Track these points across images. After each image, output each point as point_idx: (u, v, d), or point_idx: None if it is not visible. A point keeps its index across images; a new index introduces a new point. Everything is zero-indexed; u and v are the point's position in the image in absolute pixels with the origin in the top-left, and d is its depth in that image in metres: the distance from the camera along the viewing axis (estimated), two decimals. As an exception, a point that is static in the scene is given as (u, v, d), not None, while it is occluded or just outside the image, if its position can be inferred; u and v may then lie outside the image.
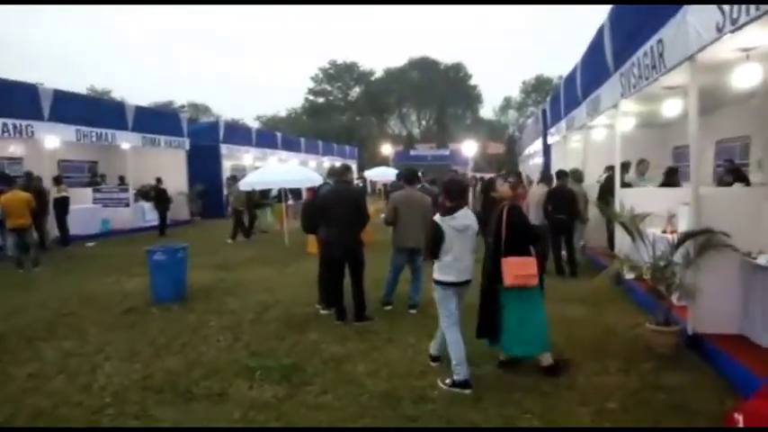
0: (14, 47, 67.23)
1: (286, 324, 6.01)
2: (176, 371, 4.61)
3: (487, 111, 70.97)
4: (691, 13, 4.43)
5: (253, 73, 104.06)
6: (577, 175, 9.39)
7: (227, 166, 23.20)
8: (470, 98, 66.98)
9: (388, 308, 6.54)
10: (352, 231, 6.02)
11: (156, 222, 15.78)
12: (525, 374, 4.39)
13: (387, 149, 43.71)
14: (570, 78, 11.77)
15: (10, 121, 12.63)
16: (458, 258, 4.32)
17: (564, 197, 8.55)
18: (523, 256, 4.35)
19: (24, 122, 13.02)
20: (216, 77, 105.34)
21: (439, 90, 62.18)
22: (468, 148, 33.68)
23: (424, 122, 69.23)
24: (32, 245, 10.11)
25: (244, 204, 14.37)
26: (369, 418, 3.67)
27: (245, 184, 14.89)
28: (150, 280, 7.30)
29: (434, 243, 4.31)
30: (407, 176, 6.74)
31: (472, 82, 66.39)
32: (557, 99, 14.19)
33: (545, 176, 10.09)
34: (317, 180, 14.75)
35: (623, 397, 3.96)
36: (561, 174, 9.01)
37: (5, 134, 12.73)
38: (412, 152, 46.19)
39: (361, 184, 26.05)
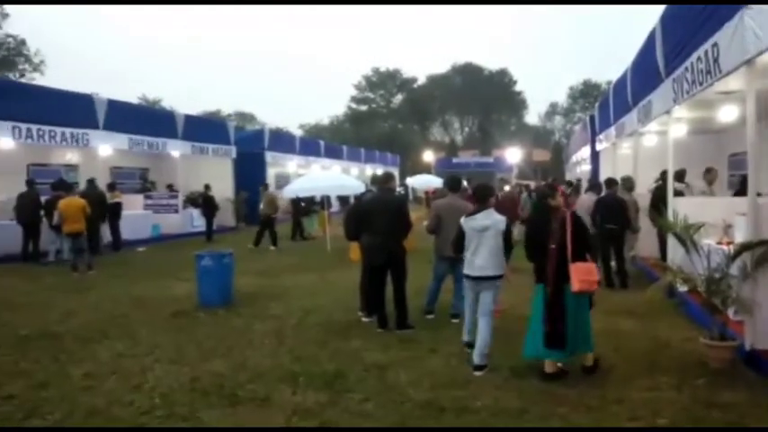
0: (70, 59, 70.65)
1: (328, 330, 6.05)
2: (222, 374, 4.70)
3: (533, 117, 70.07)
4: (748, 14, 4.24)
5: (297, 81, 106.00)
6: (628, 184, 9.09)
7: (271, 174, 23.67)
8: (515, 104, 66.24)
9: (431, 317, 6.49)
10: (395, 239, 6.01)
11: (203, 228, 16.23)
12: (571, 387, 4.27)
13: (429, 157, 43.67)
14: (620, 83, 11.46)
15: (68, 130, 13.27)
16: (474, 255, 4.82)
17: (614, 206, 8.30)
18: (585, 262, 4.48)
19: (80, 131, 13.65)
20: (261, 86, 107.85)
21: (482, 96, 61.65)
22: (513, 155, 33.36)
23: (467, 129, 68.80)
24: (86, 249, 10.57)
25: (275, 211, 14.33)
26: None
27: (289, 191, 15.17)
28: (198, 284, 7.50)
29: (457, 241, 5.02)
30: (451, 184, 6.73)
31: (517, 88, 65.68)
32: (606, 105, 13.85)
33: (593, 184, 9.83)
34: (359, 187, 14.88)
35: (675, 413, 3.80)
36: (611, 182, 8.75)
37: (63, 142, 13.38)
38: (454, 159, 45.92)
39: (403, 192, 26.09)
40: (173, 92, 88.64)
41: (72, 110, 13.57)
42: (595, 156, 16.12)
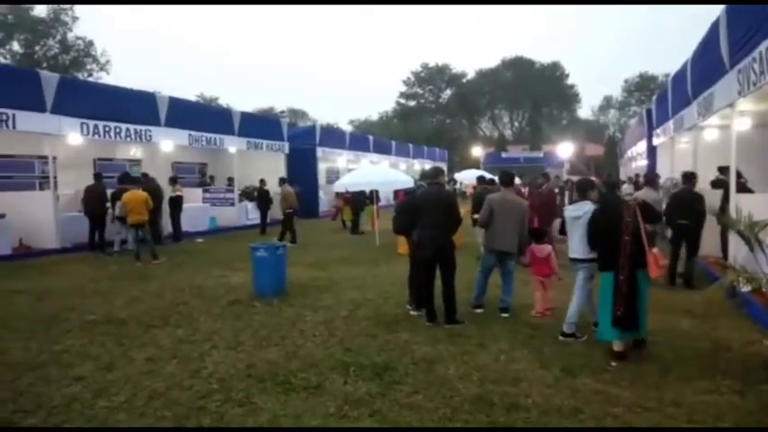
0: (133, 59, 73.85)
1: (377, 322, 6.13)
2: (277, 362, 4.86)
3: (585, 111, 68.28)
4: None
5: (347, 78, 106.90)
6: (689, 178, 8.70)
7: (322, 169, 24.04)
8: (567, 98, 64.57)
9: (480, 311, 6.49)
10: (444, 233, 6.04)
11: (257, 221, 16.68)
12: (626, 388, 4.18)
13: (477, 151, 43.21)
14: (679, 76, 11.01)
15: (132, 127, 13.92)
16: (570, 240, 5.53)
17: (689, 201, 7.90)
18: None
19: (143, 127, 14.29)
20: (312, 83, 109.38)
21: (533, 90, 60.43)
22: (564, 149, 32.55)
23: (516, 124, 67.62)
24: (149, 239, 11.07)
25: (295, 206, 14.19)
26: (460, 423, 3.66)
27: (339, 186, 15.38)
28: (253, 275, 7.75)
29: (561, 227, 5.86)
30: (503, 179, 6.79)
31: (569, 81, 63.98)
32: (663, 98, 13.33)
33: (649, 180, 9.49)
34: (407, 182, 14.92)
35: (738, 418, 3.66)
36: (689, 176, 8.30)
37: (128, 138, 14.04)
38: (504, 154, 45.26)
39: (452, 187, 25.94)
40: (228, 90, 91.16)
41: (136, 107, 14.22)
42: (652, 150, 15.56)
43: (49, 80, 12.03)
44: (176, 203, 14.18)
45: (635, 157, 20.39)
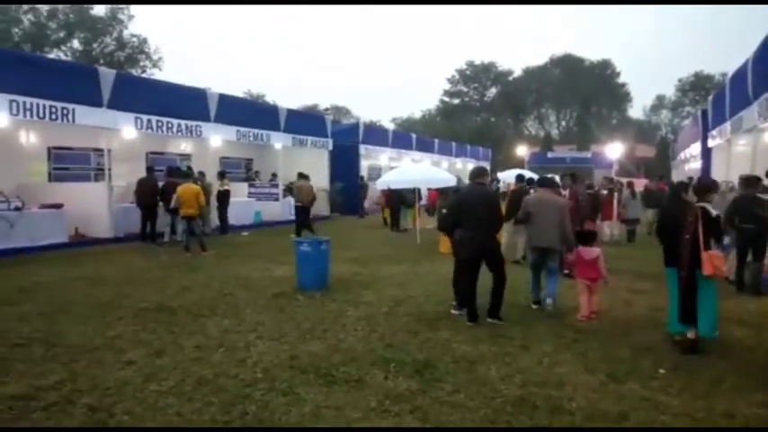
0: (184, 56, 76.15)
1: (418, 320, 6.14)
2: (319, 354, 4.94)
3: (636, 110, 66.15)
4: None
5: (390, 77, 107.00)
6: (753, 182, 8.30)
7: (364, 166, 24.18)
8: (617, 97, 62.77)
9: (536, 307, 6.72)
10: (486, 232, 6.07)
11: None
12: (675, 396, 4.05)
13: (522, 151, 42.48)
14: (738, 75, 10.55)
15: (183, 122, 14.38)
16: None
17: (752, 205, 7.60)
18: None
19: (194, 123, 14.74)
20: (356, 81, 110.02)
21: (582, 89, 59.01)
22: (613, 150, 31.62)
23: (563, 123, 66.18)
24: (199, 231, 11.42)
25: (310, 201, 14.21)
26: (502, 424, 3.62)
27: (381, 183, 15.44)
28: (296, 268, 7.89)
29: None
30: (541, 181, 7.36)
31: (620, 79, 62.11)
32: (721, 98, 12.79)
33: (710, 186, 9.12)
34: (449, 180, 14.84)
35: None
36: (752, 180, 7.91)
37: (179, 133, 14.52)
38: (549, 154, 44.36)
39: (495, 186, 25.61)
40: (274, 87, 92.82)
41: (187, 103, 14.69)
42: (707, 153, 14.98)
43: (107, 76, 12.56)
44: (224, 197, 14.55)
45: (688, 160, 19.67)
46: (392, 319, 6.22)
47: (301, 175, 15.12)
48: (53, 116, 11.31)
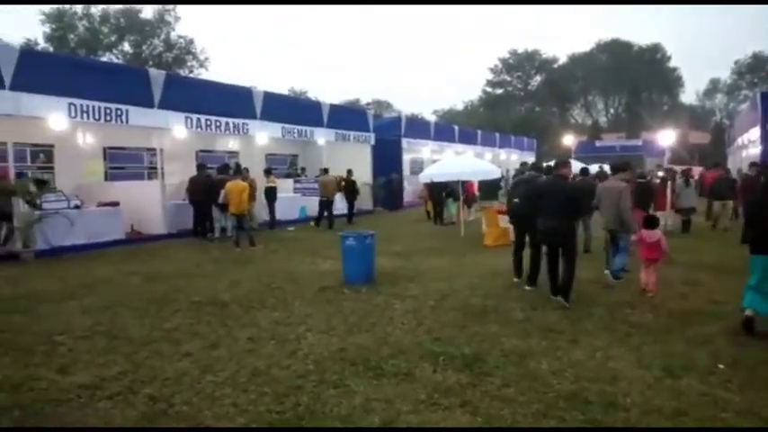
0: (229, 55, 77.92)
1: (465, 313, 6.11)
2: (367, 347, 4.99)
3: (689, 95, 63.34)
4: None
5: (431, 69, 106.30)
6: None
7: (406, 159, 24.16)
8: (668, 82, 60.31)
9: (613, 280, 7.40)
10: (563, 222, 6.44)
11: (344, 211, 17.08)
12: (736, 392, 3.90)
13: (569, 140, 41.46)
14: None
15: (230, 120, 14.74)
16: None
17: None
18: None
19: (241, 121, 15.09)
20: (396, 75, 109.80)
21: (631, 75, 56.97)
22: (665, 137, 30.52)
23: (612, 110, 64.13)
24: (248, 227, 11.70)
25: (333, 194, 15.01)
26: (555, 419, 3.57)
27: (424, 177, 15.38)
28: (342, 262, 7.98)
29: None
30: (614, 167, 8.16)
31: (671, 64, 59.62)
32: (783, 79, 12.08)
33: (764, 168, 8.73)
34: (494, 172, 14.65)
35: None
36: None
37: (227, 131, 14.90)
38: (598, 143, 43.07)
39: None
40: (317, 83, 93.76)
41: (234, 102, 15.05)
42: (766, 137, 14.21)
43: (157, 77, 13.00)
44: (271, 193, 14.84)
45: (746, 145, 18.76)
46: (439, 312, 6.22)
47: (324, 170, 15.80)
48: (108, 117, 11.81)
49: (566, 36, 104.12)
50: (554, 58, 63.40)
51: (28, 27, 66.81)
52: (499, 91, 65.61)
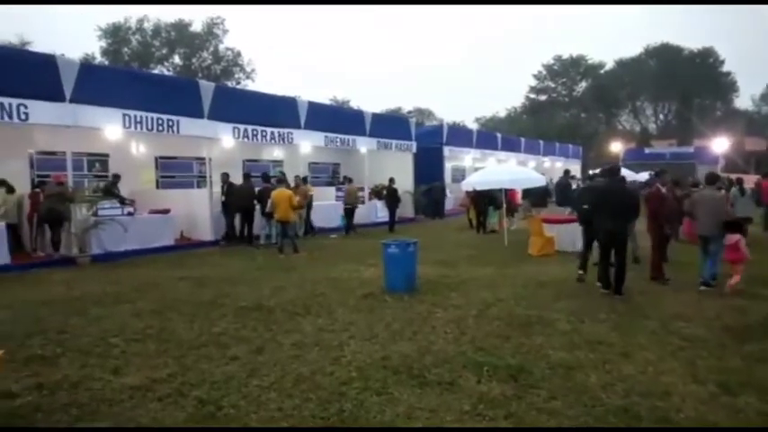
0: (273, 65, 79.68)
1: (509, 323, 6.02)
2: (410, 355, 4.98)
3: (744, 100, 60.63)
4: None
5: (474, 76, 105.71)
6: None
7: (448, 167, 24.06)
8: (722, 87, 57.94)
9: (703, 288, 7.53)
10: (619, 223, 7.26)
11: (385, 219, 17.14)
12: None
13: (616, 147, 40.42)
14: None
15: (275, 130, 15.06)
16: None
17: None
18: None
19: (286, 130, 15.39)
20: (439, 83, 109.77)
21: (681, 80, 54.99)
22: (719, 144, 29.35)
23: (661, 117, 62.07)
24: (292, 234, 11.90)
25: (356, 202, 15.70)
26: (604, 433, 3.48)
27: (466, 185, 15.29)
28: (384, 270, 8.00)
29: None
30: (709, 178, 8.52)
31: (725, 68, 57.31)
32: None
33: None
34: (539, 180, 14.41)
35: None
36: None
37: (272, 141, 15.22)
38: (647, 150, 41.72)
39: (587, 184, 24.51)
40: (358, 92, 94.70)
41: (279, 111, 15.38)
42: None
43: (207, 89, 13.42)
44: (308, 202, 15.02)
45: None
46: (482, 322, 6.15)
47: (347, 179, 16.41)
48: (160, 128, 12.26)
49: (611, 42, 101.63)
50: (600, 64, 62.00)
51: (86, 42, 70.32)
52: (543, 97, 64.56)
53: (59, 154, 11.94)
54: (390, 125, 20.71)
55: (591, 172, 20.50)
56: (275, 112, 15.20)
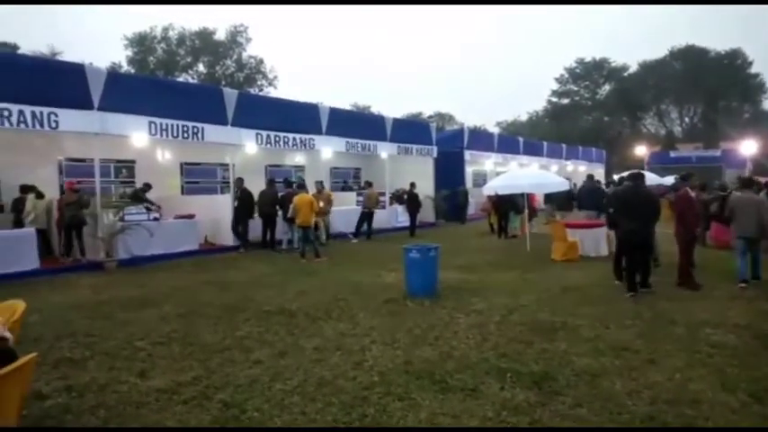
0: (293, 72, 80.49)
1: (532, 329, 5.96)
2: (432, 361, 4.96)
3: (772, 102, 58.98)
4: None
5: (494, 80, 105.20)
6: None
7: (469, 172, 23.93)
8: (750, 89, 56.56)
9: (744, 285, 7.84)
10: (644, 225, 7.61)
11: (406, 224, 17.13)
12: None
13: (641, 151, 39.72)
14: None
15: (297, 136, 15.21)
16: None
17: None
18: None
19: (307, 136, 15.54)
20: (459, 87, 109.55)
21: (707, 82, 53.87)
22: (747, 147, 28.69)
23: (687, 120, 60.91)
24: (313, 239, 11.97)
25: (374, 206, 15.86)
26: (630, 440, 3.43)
27: (488, 189, 15.19)
28: (405, 275, 8.00)
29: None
30: (744, 182, 8.91)
31: (753, 69, 56.01)
32: None
33: None
34: (561, 184, 14.25)
35: None
36: None
37: (294, 147, 15.36)
38: (672, 153, 40.93)
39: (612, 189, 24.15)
40: (379, 97, 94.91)
41: (301, 118, 15.52)
42: None
43: (230, 96, 13.62)
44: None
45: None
46: (505, 327, 6.10)
47: (368, 183, 16.49)
48: (185, 135, 12.48)
49: (636, 43, 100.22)
50: (624, 66, 61.10)
51: (113, 51, 72.00)
52: (565, 101, 63.87)
53: (88, 161, 12.21)
54: (411, 130, 20.73)
55: (616, 177, 20.27)
56: (297, 119, 15.34)
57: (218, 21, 76.87)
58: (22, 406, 2.99)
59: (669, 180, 16.56)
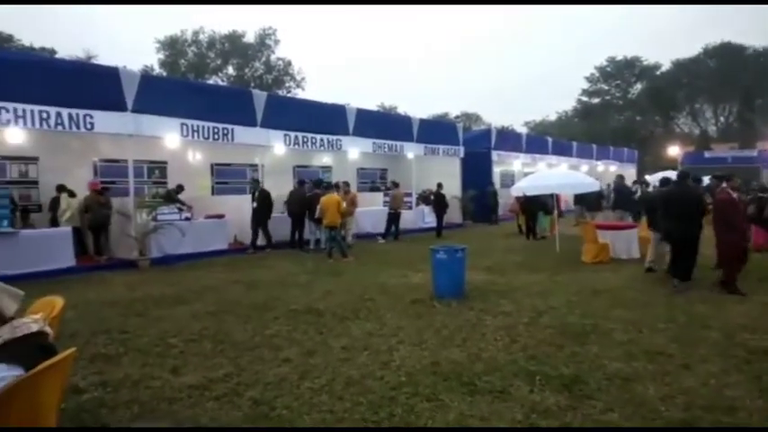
0: (322, 73, 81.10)
1: (562, 332, 5.88)
2: (460, 362, 4.94)
3: (815, 100, 56.86)
4: None
5: (522, 80, 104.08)
6: None
7: (496, 172, 23.73)
8: (788, 86, 54.62)
9: None
10: (689, 224, 7.82)
11: (433, 224, 17.09)
12: None
13: (674, 151, 38.86)
14: None
15: (325, 137, 15.35)
16: None
17: None
18: None
19: (335, 137, 15.64)
20: (486, 87, 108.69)
21: (744, 80, 52.25)
22: (787, 147, 27.75)
23: (722, 119, 59.20)
24: (340, 239, 12.04)
25: (400, 206, 15.88)
26: (664, 447, 3.35)
27: (516, 189, 15.05)
28: (432, 276, 7.98)
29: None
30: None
31: (791, 66, 54.03)
32: None
33: None
34: (592, 185, 14.02)
35: None
36: None
37: (321, 147, 15.48)
38: (707, 153, 39.92)
39: (644, 189, 23.63)
40: (406, 98, 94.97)
41: (329, 119, 15.65)
42: None
43: (260, 98, 13.81)
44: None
45: None
46: (533, 330, 6.03)
47: (394, 183, 16.54)
48: (216, 136, 12.70)
49: (669, 41, 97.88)
50: (656, 65, 59.73)
51: (146, 54, 73.62)
52: (596, 100, 62.77)
53: (121, 161, 12.52)
54: (438, 130, 20.66)
55: (648, 177, 19.83)
56: (325, 120, 15.46)
57: (248, 23, 78.04)
58: (62, 399, 3.07)
59: (705, 180, 16.17)
